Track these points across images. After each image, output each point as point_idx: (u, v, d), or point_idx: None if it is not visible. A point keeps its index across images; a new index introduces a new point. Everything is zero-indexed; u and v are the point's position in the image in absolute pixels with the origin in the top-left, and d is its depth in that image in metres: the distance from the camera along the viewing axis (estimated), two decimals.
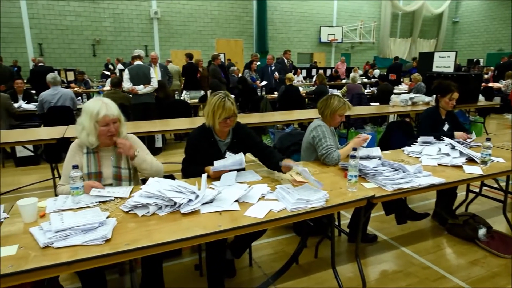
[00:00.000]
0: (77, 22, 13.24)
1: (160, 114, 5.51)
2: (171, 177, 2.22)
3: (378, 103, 6.88)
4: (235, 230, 1.59)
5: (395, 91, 7.84)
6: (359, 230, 2.17)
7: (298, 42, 17.52)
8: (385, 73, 10.68)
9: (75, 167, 1.82)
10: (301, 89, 7.29)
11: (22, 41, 12.64)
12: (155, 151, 5.52)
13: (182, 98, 6.51)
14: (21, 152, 4.94)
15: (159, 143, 5.70)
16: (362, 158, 2.42)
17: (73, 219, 1.53)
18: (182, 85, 8.27)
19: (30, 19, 12.56)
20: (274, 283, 2.36)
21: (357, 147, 2.18)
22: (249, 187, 1.98)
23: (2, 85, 5.36)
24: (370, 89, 9.15)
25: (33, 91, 6.88)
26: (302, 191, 1.87)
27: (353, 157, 2.00)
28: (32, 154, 4.92)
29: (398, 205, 2.82)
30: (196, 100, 6.73)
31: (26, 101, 5.86)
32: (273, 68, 8.21)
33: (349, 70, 12.90)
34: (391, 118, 7.04)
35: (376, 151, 2.62)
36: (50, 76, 5.21)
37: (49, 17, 12.84)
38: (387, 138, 3.73)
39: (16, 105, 5.45)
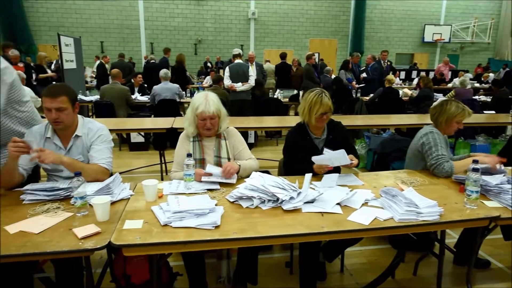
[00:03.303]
0: (183, 23, 14.51)
1: (254, 111, 5.71)
2: (267, 173, 2.27)
3: (493, 112, 6.03)
4: (339, 234, 1.56)
5: None
6: (474, 253, 1.93)
7: (398, 41, 16.38)
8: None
9: (189, 155, 1.99)
10: (401, 92, 6.78)
11: (138, 40, 14.37)
12: None
13: (276, 96, 6.63)
14: (134, 138, 5.62)
15: (251, 139, 5.90)
16: (482, 172, 2.14)
17: (188, 203, 1.67)
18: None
19: (146, 21, 14.20)
20: None
21: (478, 159, 1.94)
22: (350, 191, 1.91)
23: (123, 79, 6.21)
24: (482, 96, 8.04)
25: (145, 85, 7.79)
26: (411, 201, 1.73)
27: (475, 170, 1.78)
28: (143, 140, 5.55)
29: None
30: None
31: (140, 94, 6.64)
32: (369, 68, 7.85)
33: (455, 74, 11.43)
34: (510, 129, 6.12)
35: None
36: (162, 71, 5.83)
37: (160, 19, 14.33)
38: (509, 152, 3.24)
39: (132, 96, 6.21)
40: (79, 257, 1.64)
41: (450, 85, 10.30)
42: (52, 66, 10.13)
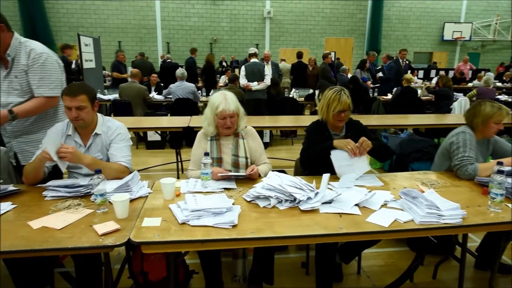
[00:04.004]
0: (199, 23, 14.61)
1: (270, 110, 5.70)
2: (283, 173, 2.26)
3: None
4: (358, 235, 1.53)
5: None
6: (498, 258, 1.87)
7: (416, 40, 16.05)
8: None
9: (206, 154, 2.00)
10: (419, 91, 6.65)
11: (154, 40, 14.55)
12: None
13: (291, 95, 6.61)
14: (151, 136, 5.69)
15: (266, 139, 5.89)
16: (507, 174, 2.07)
17: (205, 202, 1.68)
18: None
19: (162, 21, 14.36)
20: None
21: (502, 161, 1.88)
22: (369, 191, 1.88)
23: (145, 77, 6.31)
24: (500, 95, 7.79)
25: (161, 84, 7.87)
26: (432, 203, 1.69)
27: (500, 172, 1.73)
28: (159, 139, 5.61)
29: None
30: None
31: (157, 93, 6.72)
32: (385, 67, 7.73)
33: (475, 73, 11.09)
34: None
35: None
36: (179, 71, 5.88)
37: (177, 18, 14.47)
38: None
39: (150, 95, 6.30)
40: (98, 253, 1.67)
41: (470, 84, 10.03)
42: (73, 66, 10.36)
